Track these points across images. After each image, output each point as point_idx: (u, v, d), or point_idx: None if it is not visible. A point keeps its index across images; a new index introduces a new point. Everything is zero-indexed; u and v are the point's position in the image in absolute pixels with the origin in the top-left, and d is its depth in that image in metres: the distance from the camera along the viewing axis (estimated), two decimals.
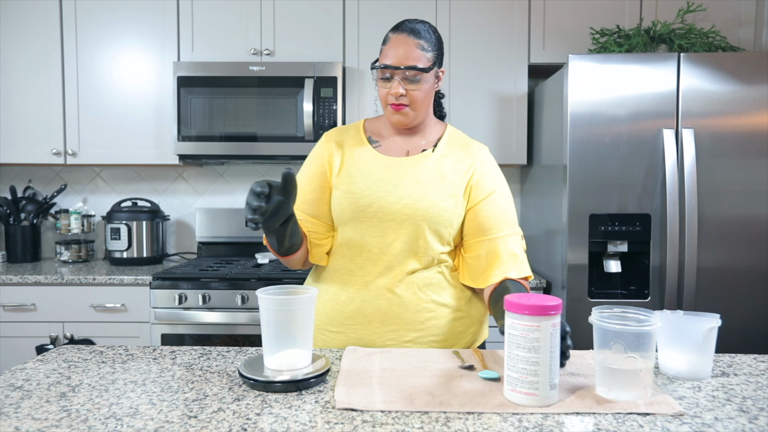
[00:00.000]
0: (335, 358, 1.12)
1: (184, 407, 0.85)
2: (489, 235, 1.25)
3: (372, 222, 1.23)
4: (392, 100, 1.23)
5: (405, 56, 1.20)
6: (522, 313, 0.85)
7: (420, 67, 1.20)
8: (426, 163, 1.27)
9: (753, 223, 2.03)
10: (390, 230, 1.23)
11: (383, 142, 1.32)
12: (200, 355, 1.13)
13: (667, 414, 0.83)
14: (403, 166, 1.27)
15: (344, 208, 1.24)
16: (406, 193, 1.23)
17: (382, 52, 1.23)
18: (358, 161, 1.28)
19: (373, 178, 1.25)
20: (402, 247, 1.23)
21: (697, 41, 2.25)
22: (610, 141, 2.04)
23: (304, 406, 0.86)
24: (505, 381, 0.88)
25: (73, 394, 0.91)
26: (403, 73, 1.21)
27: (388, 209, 1.22)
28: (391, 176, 1.25)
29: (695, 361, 0.98)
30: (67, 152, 2.57)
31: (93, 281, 2.28)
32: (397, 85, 1.21)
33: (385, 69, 1.21)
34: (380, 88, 1.25)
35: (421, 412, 0.83)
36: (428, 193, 1.23)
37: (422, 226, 1.22)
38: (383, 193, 1.23)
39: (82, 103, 2.57)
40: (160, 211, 2.73)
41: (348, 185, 1.25)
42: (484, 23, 2.53)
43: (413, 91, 1.22)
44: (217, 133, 2.47)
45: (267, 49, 2.54)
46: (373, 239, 1.23)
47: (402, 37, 1.22)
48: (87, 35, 2.55)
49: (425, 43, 1.22)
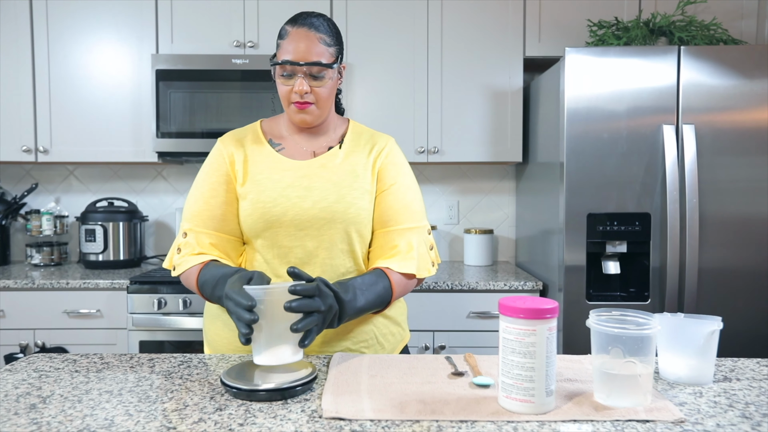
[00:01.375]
0: (322, 365, 1.11)
1: (163, 418, 0.85)
2: (388, 227, 1.26)
3: (289, 230, 1.21)
4: (296, 98, 1.20)
5: (308, 51, 1.17)
6: (517, 316, 0.85)
7: (324, 63, 1.19)
8: (335, 161, 1.26)
9: (756, 222, 2.05)
10: (309, 237, 1.21)
11: (285, 143, 1.29)
12: (180, 362, 1.12)
13: (668, 421, 0.83)
14: (312, 167, 1.24)
15: (256, 219, 1.20)
16: (320, 196, 1.21)
17: (281, 47, 1.20)
18: (263, 167, 1.24)
19: (282, 183, 1.22)
20: (323, 254, 1.22)
21: (697, 34, 2.28)
22: (609, 137, 2.05)
23: (290, 416, 0.85)
24: (500, 387, 0.89)
25: (43, 406, 0.90)
26: (307, 69, 1.18)
27: (304, 216, 1.20)
28: (302, 180, 1.23)
29: (696, 366, 0.99)
30: (38, 149, 2.54)
31: (66, 286, 2.25)
32: (301, 82, 1.18)
33: (288, 65, 1.18)
34: (281, 85, 1.21)
35: (413, 421, 0.83)
36: (342, 193, 1.22)
37: (341, 229, 1.22)
38: (296, 199, 1.21)
39: (54, 98, 2.54)
40: (137, 212, 2.71)
41: (256, 194, 1.21)
42: (478, 14, 2.54)
43: (318, 89, 1.20)
44: (199, 129, 2.45)
45: (251, 41, 2.53)
46: (293, 249, 1.21)
47: (303, 31, 1.19)
48: (59, 25, 2.53)
49: (327, 38, 1.21)
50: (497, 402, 0.90)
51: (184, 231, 1.24)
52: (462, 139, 2.56)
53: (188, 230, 1.23)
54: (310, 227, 1.21)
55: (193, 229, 1.23)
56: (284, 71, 1.19)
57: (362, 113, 2.56)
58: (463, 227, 2.91)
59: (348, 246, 1.24)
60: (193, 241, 1.22)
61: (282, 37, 1.21)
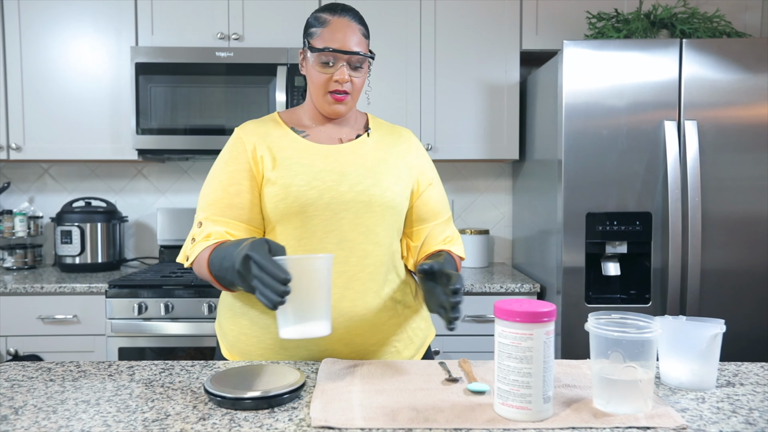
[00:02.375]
0: (311, 371, 1.11)
1: (143, 428, 0.84)
2: (433, 221, 1.34)
3: (324, 215, 1.21)
4: (335, 87, 1.23)
5: (351, 41, 1.22)
6: (513, 320, 0.85)
7: (368, 55, 1.25)
8: (365, 148, 1.30)
9: (761, 222, 2.07)
10: (345, 222, 1.22)
11: (310, 131, 1.31)
12: (162, 370, 1.11)
13: (669, 428, 0.84)
14: (343, 152, 1.27)
15: (290, 204, 1.20)
16: (356, 180, 1.23)
17: (320, 35, 1.23)
18: (291, 152, 1.25)
19: (315, 167, 1.23)
20: (359, 239, 1.23)
21: (700, 26, 2.29)
22: (608, 134, 2.06)
23: (277, 425, 0.85)
24: (496, 394, 0.89)
25: (15, 417, 0.89)
26: (349, 58, 1.22)
27: (341, 199, 1.21)
28: (335, 164, 1.24)
29: (699, 371, 1.00)
30: (10, 146, 2.52)
31: (41, 290, 2.24)
32: (343, 71, 1.22)
33: (330, 53, 1.21)
34: (318, 73, 1.23)
35: (405, 429, 0.83)
36: (378, 178, 1.25)
37: (378, 214, 1.24)
38: (331, 182, 1.22)
39: (27, 92, 2.52)
40: (117, 212, 2.69)
41: (288, 178, 1.21)
42: (473, 6, 2.54)
43: (356, 79, 1.25)
44: (181, 125, 2.44)
45: (235, 33, 2.52)
46: (327, 234, 1.21)
47: (345, 20, 1.23)
48: (32, 16, 2.51)
49: (364, 29, 1.27)
50: (493, 409, 0.90)
51: (200, 221, 1.25)
52: (457, 136, 2.57)
53: (204, 219, 1.24)
54: (346, 211, 1.22)
55: (209, 218, 1.23)
56: (326, 58, 1.22)
57: None
58: (458, 227, 2.91)
59: (384, 231, 1.26)
60: (209, 229, 1.22)
61: (321, 24, 1.23)
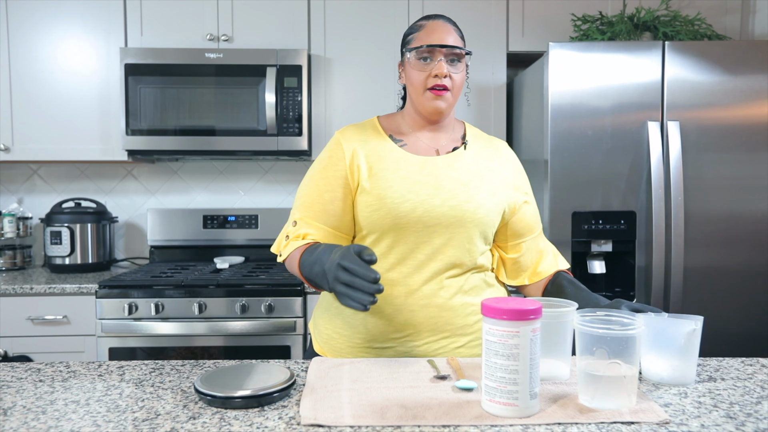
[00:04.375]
0: (300, 370, 1.11)
1: (133, 428, 0.84)
2: (532, 234, 1.35)
3: (416, 227, 1.22)
4: (435, 81, 1.23)
5: (448, 37, 1.24)
6: (500, 318, 0.86)
7: (465, 49, 1.25)
8: (461, 161, 1.29)
9: (741, 221, 2.09)
10: (437, 235, 1.22)
11: (407, 140, 1.31)
12: (152, 369, 1.11)
13: (653, 422, 0.85)
14: (439, 165, 1.27)
15: (384, 215, 1.21)
16: (449, 194, 1.23)
17: (417, 38, 1.26)
18: (388, 162, 1.25)
19: (410, 179, 1.23)
20: (450, 252, 1.23)
21: (682, 29, 2.32)
22: (593, 134, 2.08)
23: (267, 423, 0.85)
24: (483, 391, 0.89)
25: (4, 418, 0.88)
26: (448, 51, 1.23)
27: (433, 213, 1.21)
28: (429, 177, 1.24)
29: (678, 366, 1.01)
30: None
31: (30, 291, 2.21)
32: (441, 65, 1.22)
33: (427, 49, 1.22)
34: (417, 72, 1.25)
35: (394, 427, 0.83)
36: (472, 194, 1.24)
37: (470, 229, 1.24)
38: (425, 195, 1.22)
39: (15, 93, 2.49)
40: (106, 213, 2.67)
41: (382, 189, 1.22)
42: (460, 8, 2.55)
43: (454, 74, 1.24)
44: (171, 126, 2.43)
45: (225, 34, 2.51)
46: (419, 245, 1.22)
47: (440, 22, 1.26)
48: (20, 17, 2.48)
49: (459, 31, 1.29)
50: (480, 406, 0.90)
51: (295, 220, 1.27)
52: None
53: (299, 219, 1.26)
54: (437, 225, 1.22)
55: (304, 219, 1.26)
56: (424, 54, 1.23)
57: (341, 109, 2.55)
58: None
59: (473, 245, 1.26)
60: (303, 230, 1.25)
61: (418, 29, 1.27)
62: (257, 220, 2.75)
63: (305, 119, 2.45)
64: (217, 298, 2.20)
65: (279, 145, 2.45)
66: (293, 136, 2.44)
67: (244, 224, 2.74)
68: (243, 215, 2.74)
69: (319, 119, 2.56)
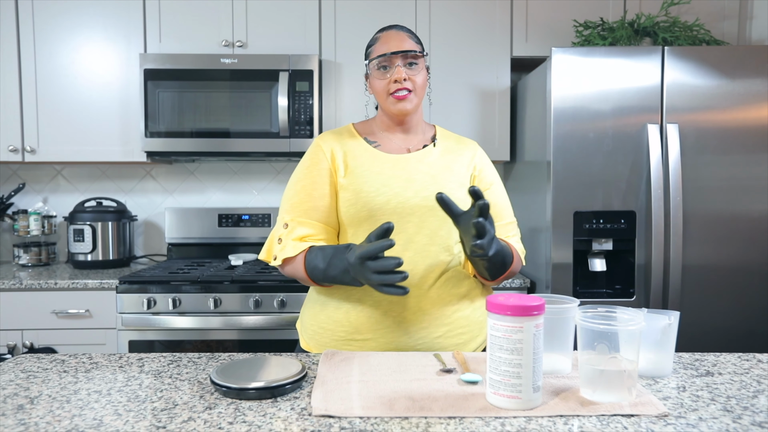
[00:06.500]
0: (312, 363, 1.11)
1: (152, 417, 0.84)
2: (497, 222, 1.36)
3: (392, 219, 1.25)
4: (396, 87, 1.27)
5: (401, 43, 1.28)
6: (504, 313, 0.86)
7: (418, 52, 1.29)
8: (431, 157, 1.33)
9: (738, 220, 2.08)
10: (411, 225, 1.26)
11: (381, 141, 1.36)
12: (170, 362, 1.11)
13: (652, 415, 0.84)
14: (411, 161, 1.31)
15: (360, 209, 1.26)
16: (421, 186, 1.27)
17: (374, 50, 1.31)
18: (363, 160, 1.30)
19: (384, 175, 1.28)
20: (424, 241, 1.26)
21: (681, 34, 2.30)
22: (594, 136, 2.07)
23: (279, 414, 0.85)
24: (488, 384, 0.89)
25: (31, 407, 0.89)
26: (403, 58, 1.27)
27: (407, 204, 1.25)
28: (402, 172, 1.29)
29: (654, 359, 1.02)
30: (25, 149, 2.51)
31: (54, 286, 2.23)
32: (399, 69, 1.26)
33: (385, 58, 1.27)
34: (378, 80, 1.30)
35: (401, 418, 0.84)
36: (441, 184, 1.29)
37: (442, 217, 1.27)
38: (398, 188, 1.26)
39: (41, 97, 2.51)
40: (126, 211, 2.69)
41: (359, 185, 1.27)
42: (466, 15, 2.54)
43: (414, 76, 1.28)
44: (188, 128, 2.44)
45: (239, 40, 2.52)
46: (394, 236, 1.25)
47: (393, 31, 1.31)
48: (45, 24, 2.50)
49: (414, 36, 1.33)
50: (485, 398, 0.90)
51: (285, 222, 1.30)
52: None
53: (289, 221, 1.29)
54: (412, 215, 1.26)
55: (294, 219, 1.29)
56: (381, 63, 1.28)
57: (350, 111, 2.56)
58: None
59: (445, 233, 1.28)
60: (297, 230, 1.28)
61: (375, 42, 1.32)
62: (270, 218, 2.76)
63: (316, 122, 2.46)
64: (232, 293, 2.21)
65: (291, 146, 2.45)
66: (305, 138, 2.45)
67: (257, 223, 2.75)
68: (256, 214, 2.76)
69: (330, 122, 2.56)
